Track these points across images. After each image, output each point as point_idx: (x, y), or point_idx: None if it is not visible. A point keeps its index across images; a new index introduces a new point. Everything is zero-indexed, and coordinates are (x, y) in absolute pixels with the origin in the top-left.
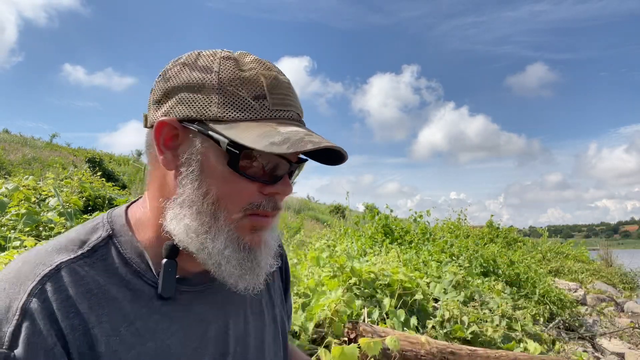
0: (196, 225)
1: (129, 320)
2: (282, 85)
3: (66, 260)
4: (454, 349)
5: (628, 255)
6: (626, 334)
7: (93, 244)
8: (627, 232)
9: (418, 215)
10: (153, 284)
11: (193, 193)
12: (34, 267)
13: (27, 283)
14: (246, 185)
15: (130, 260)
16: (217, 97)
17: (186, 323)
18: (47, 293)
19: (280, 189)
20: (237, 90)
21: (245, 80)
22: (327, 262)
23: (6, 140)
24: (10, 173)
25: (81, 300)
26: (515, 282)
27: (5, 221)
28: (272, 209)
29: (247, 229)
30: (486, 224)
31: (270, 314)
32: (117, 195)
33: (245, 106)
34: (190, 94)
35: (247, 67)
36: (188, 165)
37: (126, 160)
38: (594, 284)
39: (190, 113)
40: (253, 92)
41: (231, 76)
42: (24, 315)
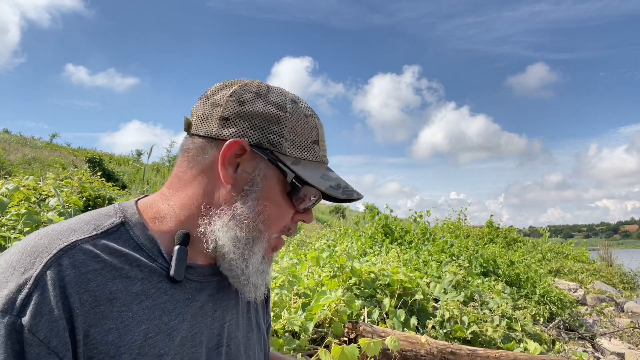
0: (245, 237)
1: (140, 298)
2: (324, 134)
3: (82, 238)
4: (454, 349)
5: (628, 255)
6: (626, 334)
7: (106, 227)
8: (627, 232)
9: (418, 215)
10: (163, 268)
11: (251, 209)
12: (51, 241)
13: (43, 255)
14: (288, 211)
15: (142, 245)
16: (288, 134)
17: (189, 309)
18: (62, 267)
19: (307, 217)
20: (303, 132)
21: (308, 125)
22: (327, 262)
23: (6, 140)
24: (10, 173)
25: (94, 277)
26: (515, 282)
27: (5, 221)
28: (293, 234)
29: (272, 247)
30: (486, 224)
31: (254, 319)
32: (117, 195)
33: (307, 148)
34: (266, 125)
35: (307, 112)
36: (251, 185)
37: (126, 160)
38: (594, 284)
39: (262, 141)
40: (312, 137)
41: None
42: (36, 285)
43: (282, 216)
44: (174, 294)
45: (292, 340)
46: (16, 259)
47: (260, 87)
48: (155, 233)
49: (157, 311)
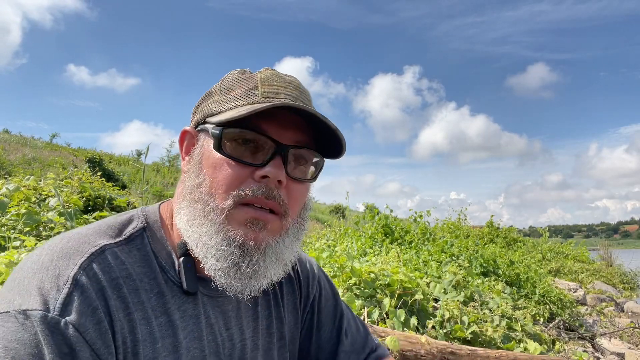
0: (190, 214)
1: (156, 314)
2: (279, 79)
3: (109, 243)
4: (454, 349)
5: (628, 255)
6: (626, 334)
7: (130, 232)
8: (627, 232)
9: (418, 215)
10: (176, 282)
11: (191, 184)
12: (80, 244)
13: (76, 257)
14: (236, 169)
15: (158, 255)
16: (217, 96)
17: (201, 325)
18: (95, 270)
19: (268, 171)
20: (232, 87)
21: (243, 79)
22: (327, 262)
23: (6, 140)
24: (11, 173)
25: (123, 284)
26: (515, 282)
27: (5, 221)
28: (263, 195)
29: (240, 222)
30: (486, 224)
31: (278, 331)
32: (117, 195)
33: (237, 97)
34: (203, 103)
35: (253, 73)
36: (192, 161)
37: (126, 160)
38: (594, 284)
39: (199, 117)
40: (246, 86)
41: (232, 79)
42: (75, 285)
43: (226, 177)
44: (187, 310)
45: None
46: (47, 260)
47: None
48: (171, 242)
49: (171, 328)
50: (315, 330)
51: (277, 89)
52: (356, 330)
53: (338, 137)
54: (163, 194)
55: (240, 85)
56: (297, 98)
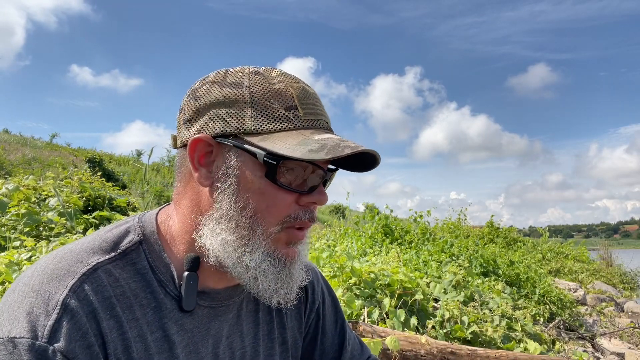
0: (234, 239)
1: (152, 329)
2: (310, 96)
3: (102, 260)
4: (454, 349)
5: (628, 255)
6: (626, 334)
7: (125, 247)
8: (627, 232)
9: (418, 215)
10: (174, 296)
11: (231, 208)
12: (72, 264)
13: (66, 279)
14: (283, 197)
15: (156, 268)
16: (249, 110)
17: (199, 338)
18: (87, 292)
19: (316, 198)
20: (268, 102)
21: (275, 92)
22: (327, 262)
23: (6, 140)
24: (10, 173)
25: (116, 303)
26: (515, 282)
27: (5, 221)
28: (308, 220)
29: (283, 243)
30: (486, 224)
31: (280, 336)
32: (117, 195)
33: (278, 117)
34: (223, 110)
35: (275, 80)
36: (224, 181)
37: (126, 160)
38: (594, 284)
39: (224, 129)
40: (284, 104)
41: (262, 89)
42: (65, 310)
43: (275, 205)
44: (185, 324)
45: None
46: (37, 283)
47: (217, 74)
48: (169, 254)
49: (166, 344)
50: (320, 336)
51: (314, 108)
52: (354, 337)
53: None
54: (163, 194)
55: (275, 99)
56: (326, 115)
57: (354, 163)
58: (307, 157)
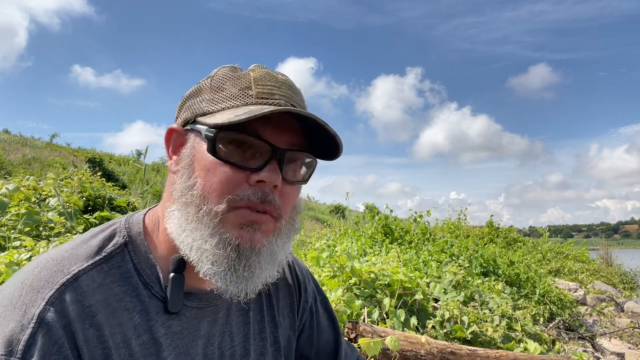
0: (183, 218)
1: (138, 333)
2: (272, 79)
3: (84, 267)
4: (454, 349)
5: (628, 255)
6: (626, 334)
7: (109, 250)
8: (627, 232)
9: (418, 215)
10: (160, 298)
11: (182, 187)
12: (52, 274)
13: (44, 291)
14: (231, 174)
15: (141, 271)
16: (208, 94)
17: (187, 340)
18: (65, 302)
19: (264, 175)
20: (225, 85)
21: (235, 77)
22: (327, 262)
23: (6, 140)
24: (10, 173)
25: (97, 311)
26: (515, 282)
27: (5, 221)
28: (259, 200)
29: (235, 225)
30: (486, 224)
31: (272, 335)
32: (117, 195)
33: (230, 97)
34: (191, 100)
35: (244, 70)
36: (182, 162)
37: (126, 160)
38: (594, 284)
39: (188, 116)
40: (239, 86)
41: (223, 76)
42: (40, 324)
43: (221, 181)
44: (172, 326)
45: None
46: (16, 295)
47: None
48: (156, 256)
49: (153, 347)
50: (315, 334)
51: (271, 89)
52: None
53: (336, 141)
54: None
55: (233, 83)
56: (291, 98)
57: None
58: (227, 121)
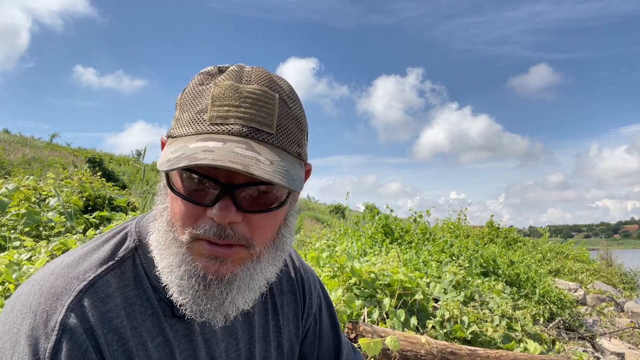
0: (156, 242)
1: (152, 335)
2: (234, 95)
3: (99, 273)
4: (454, 349)
5: (628, 255)
6: (626, 334)
7: (122, 254)
8: (627, 232)
9: (418, 215)
10: (168, 301)
11: (159, 208)
12: (69, 281)
13: (63, 298)
14: (189, 207)
15: (150, 274)
16: (177, 112)
17: (197, 342)
18: (85, 308)
19: (213, 214)
20: (187, 104)
21: (198, 94)
22: (327, 262)
23: (6, 140)
24: (10, 173)
25: (115, 315)
26: (515, 282)
27: (5, 221)
28: (216, 236)
29: (201, 255)
30: (486, 224)
31: (275, 340)
32: (117, 195)
33: (187, 121)
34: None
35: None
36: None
37: (126, 160)
38: (594, 284)
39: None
40: (198, 107)
41: (190, 91)
42: (64, 330)
43: (183, 213)
44: (179, 329)
45: None
46: (35, 303)
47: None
48: None
49: (168, 348)
50: (318, 340)
51: (228, 111)
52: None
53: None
54: None
55: (194, 102)
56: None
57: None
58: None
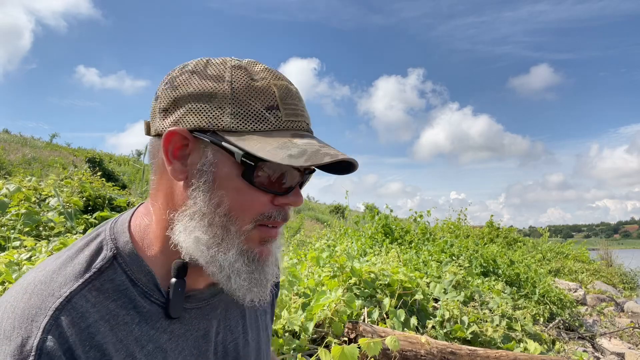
0: (207, 237)
1: (141, 344)
2: (293, 95)
3: (75, 288)
4: (454, 349)
5: (628, 255)
6: (626, 334)
7: (99, 265)
8: (627, 232)
9: (418, 215)
10: (160, 304)
11: (205, 205)
12: (44, 299)
13: (39, 319)
14: (258, 196)
15: (137, 280)
16: (230, 107)
17: (191, 341)
18: (62, 328)
19: (291, 200)
20: (250, 100)
21: (257, 90)
22: (327, 262)
23: (6, 140)
24: (10, 173)
25: (96, 331)
26: (515, 282)
27: (5, 221)
28: (282, 220)
29: (256, 241)
30: (486, 224)
31: (263, 323)
32: (117, 195)
33: (259, 117)
34: (202, 104)
35: (258, 76)
36: (200, 177)
37: (126, 160)
38: (594, 284)
39: (201, 123)
40: (266, 103)
41: (244, 86)
42: (40, 356)
43: (249, 203)
44: (174, 330)
45: (292, 340)
46: (9, 327)
47: (198, 64)
48: (149, 261)
49: (160, 354)
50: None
51: (295, 108)
52: None
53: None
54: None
55: (257, 98)
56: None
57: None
58: (287, 162)
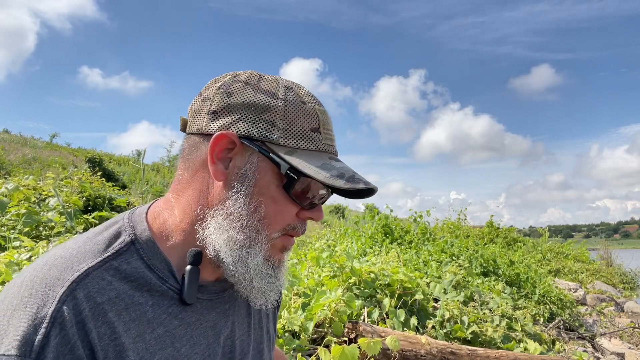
0: (241, 238)
1: (152, 326)
2: (329, 122)
3: (94, 264)
4: (454, 349)
5: (628, 255)
6: (626, 334)
7: (117, 247)
8: (627, 232)
9: (418, 215)
10: (175, 290)
11: (243, 208)
12: (62, 271)
13: (55, 289)
14: (290, 207)
15: (152, 266)
16: (281, 122)
17: (200, 330)
18: (77, 300)
19: (315, 215)
20: (299, 120)
21: (305, 112)
22: (327, 262)
23: (6, 140)
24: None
25: (109, 308)
26: (515, 282)
27: (5, 221)
28: (302, 232)
29: (278, 248)
30: (486, 224)
31: (265, 325)
32: (117, 195)
33: (304, 136)
34: (255, 115)
35: (305, 99)
36: (242, 181)
37: (126, 160)
38: (594, 284)
39: (252, 132)
40: (311, 125)
41: (295, 106)
42: (53, 323)
43: (282, 213)
44: (185, 318)
45: (292, 340)
46: (26, 294)
47: (251, 76)
48: (166, 250)
49: (168, 338)
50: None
51: (331, 134)
52: None
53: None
54: (163, 194)
55: (304, 119)
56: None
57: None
58: (329, 182)
